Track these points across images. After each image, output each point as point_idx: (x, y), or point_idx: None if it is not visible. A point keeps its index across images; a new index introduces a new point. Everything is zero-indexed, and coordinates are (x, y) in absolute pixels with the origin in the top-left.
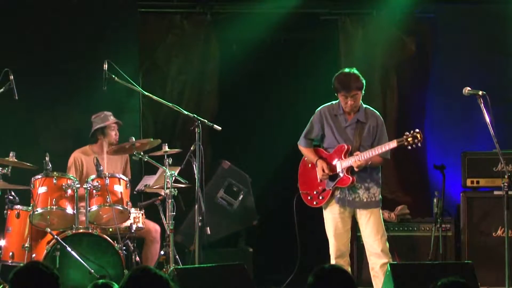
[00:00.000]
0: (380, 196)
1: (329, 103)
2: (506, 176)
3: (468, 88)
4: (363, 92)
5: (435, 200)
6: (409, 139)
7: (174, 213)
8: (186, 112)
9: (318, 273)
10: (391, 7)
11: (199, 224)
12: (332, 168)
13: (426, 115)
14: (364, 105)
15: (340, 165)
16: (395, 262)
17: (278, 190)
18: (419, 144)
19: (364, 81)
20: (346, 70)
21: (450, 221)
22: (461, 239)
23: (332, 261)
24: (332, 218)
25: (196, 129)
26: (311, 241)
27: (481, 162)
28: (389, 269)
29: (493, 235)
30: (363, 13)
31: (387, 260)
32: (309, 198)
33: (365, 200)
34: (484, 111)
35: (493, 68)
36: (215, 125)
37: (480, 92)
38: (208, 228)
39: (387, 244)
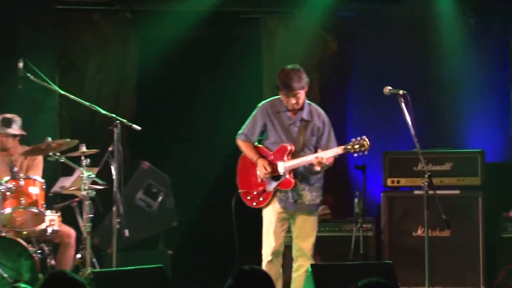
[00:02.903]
0: (321, 198)
1: (271, 99)
2: (426, 176)
3: (389, 87)
4: (306, 89)
5: (356, 200)
6: (356, 147)
7: (92, 215)
8: (104, 112)
9: (237, 274)
10: (312, 6)
11: (117, 226)
12: (274, 169)
13: (348, 115)
14: (308, 101)
15: (283, 166)
16: (316, 263)
17: (199, 191)
18: (365, 153)
19: (307, 79)
20: (289, 67)
21: (371, 221)
22: (381, 239)
23: (265, 261)
24: (271, 217)
25: (115, 129)
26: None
27: (402, 161)
28: (310, 270)
29: (413, 234)
30: (284, 12)
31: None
32: (248, 198)
33: (307, 203)
34: (405, 110)
35: (414, 67)
36: (134, 125)
37: (401, 91)
38: (126, 230)
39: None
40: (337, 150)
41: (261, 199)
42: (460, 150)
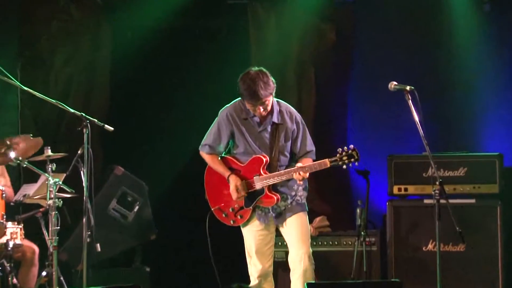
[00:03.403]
0: (305, 200)
1: (234, 103)
2: (437, 183)
3: (394, 83)
4: (274, 94)
5: (358, 210)
6: (344, 158)
7: (59, 228)
8: (72, 110)
9: None
10: None
11: (88, 239)
12: (249, 184)
13: (348, 113)
14: (276, 100)
15: (260, 181)
16: (313, 282)
17: (180, 200)
18: (356, 164)
19: (274, 83)
20: (253, 71)
21: (375, 234)
22: (387, 254)
23: (253, 284)
24: (252, 237)
25: (84, 130)
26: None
27: (410, 166)
28: None
29: (423, 249)
30: None
31: (312, 269)
32: (224, 215)
33: (290, 206)
34: (412, 108)
35: (422, 59)
36: (106, 125)
37: (408, 87)
38: (98, 244)
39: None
40: (323, 163)
41: (238, 217)
42: (476, 153)
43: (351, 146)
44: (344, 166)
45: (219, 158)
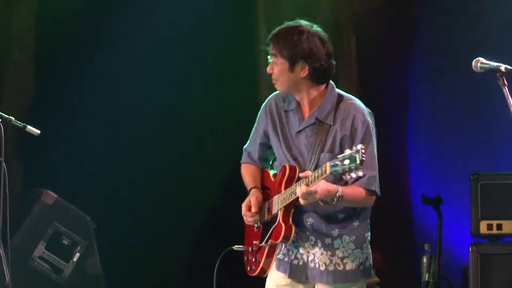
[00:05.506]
0: (370, 261)
1: None
2: None
3: (482, 60)
4: (286, 61)
5: (424, 260)
6: (346, 163)
7: None
8: None
9: None
10: None
11: None
12: (270, 208)
13: (410, 107)
14: (340, 91)
15: (277, 202)
16: None
17: (148, 244)
18: (359, 173)
19: (308, 44)
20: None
21: None
22: None
23: None
24: None
25: None
26: None
27: (506, 191)
28: None
29: None
30: None
31: None
32: (246, 258)
33: (323, 268)
34: (510, 100)
35: None
36: (29, 126)
37: (503, 67)
38: None
39: None
40: (323, 170)
41: (254, 259)
42: None
43: (359, 145)
44: (347, 176)
45: (258, 170)
